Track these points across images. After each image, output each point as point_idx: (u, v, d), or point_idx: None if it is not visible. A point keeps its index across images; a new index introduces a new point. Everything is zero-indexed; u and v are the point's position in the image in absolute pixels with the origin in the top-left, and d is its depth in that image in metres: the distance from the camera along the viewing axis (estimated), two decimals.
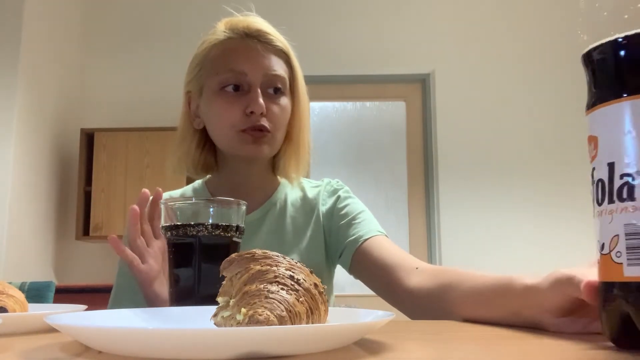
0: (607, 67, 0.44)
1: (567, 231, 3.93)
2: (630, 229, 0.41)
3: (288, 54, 1.09)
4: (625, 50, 0.43)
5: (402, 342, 0.51)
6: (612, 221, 0.43)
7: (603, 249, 0.43)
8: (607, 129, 0.43)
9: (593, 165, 0.44)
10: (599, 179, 0.44)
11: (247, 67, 1.03)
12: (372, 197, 3.98)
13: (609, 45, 0.44)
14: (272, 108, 1.04)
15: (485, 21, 4.14)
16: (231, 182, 1.11)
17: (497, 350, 0.48)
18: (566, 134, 4.03)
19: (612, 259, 0.42)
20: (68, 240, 3.92)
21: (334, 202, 1.13)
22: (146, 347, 0.39)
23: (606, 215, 0.43)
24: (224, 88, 1.03)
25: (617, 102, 0.43)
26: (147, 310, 0.60)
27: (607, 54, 0.44)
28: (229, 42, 1.05)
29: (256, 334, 0.38)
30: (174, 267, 0.73)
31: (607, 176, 0.43)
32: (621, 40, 0.43)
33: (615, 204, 0.42)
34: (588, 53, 0.46)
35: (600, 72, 0.45)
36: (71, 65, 4.07)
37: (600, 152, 0.44)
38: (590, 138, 0.45)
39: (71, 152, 3.97)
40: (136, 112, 4.03)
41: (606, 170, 0.43)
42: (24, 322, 0.60)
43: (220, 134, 1.06)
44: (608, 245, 0.43)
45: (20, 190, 3.46)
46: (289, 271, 0.48)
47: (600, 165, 0.44)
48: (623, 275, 0.41)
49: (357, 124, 4.18)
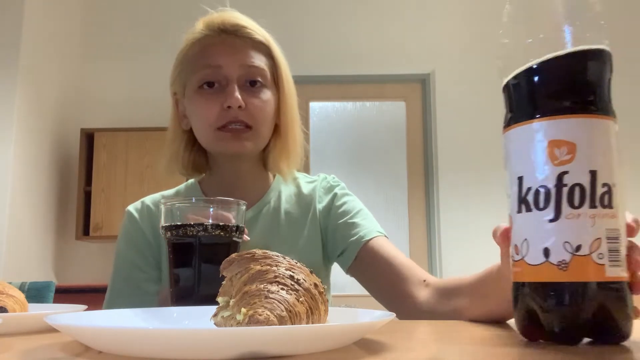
0: (521, 93, 0.49)
1: None
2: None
3: (269, 46, 1.06)
4: (535, 78, 0.48)
5: (402, 342, 0.51)
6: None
7: (579, 250, 0.45)
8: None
9: (565, 168, 0.46)
10: (576, 184, 0.46)
11: (222, 60, 1.01)
12: (372, 197, 3.98)
13: (521, 75, 0.48)
14: (251, 102, 1.01)
15: (485, 21, 4.14)
16: (222, 181, 1.10)
17: (498, 349, 0.48)
18: None
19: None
20: (68, 240, 3.92)
21: (330, 200, 1.12)
22: (146, 347, 0.39)
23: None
24: (202, 86, 1.02)
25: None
26: (147, 310, 0.60)
27: (521, 81, 0.49)
28: (206, 39, 1.04)
29: (256, 334, 0.38)
30: (174, 267, 0.73)
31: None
32: (530, 69, 0.48)
33: (597, 209, 0.45)
34: (506, 83, 0.50)
35: (516, 97, 0.49)
36: (71, 65, 4.07)
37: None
38: (556, 142, 0.46)
39: (71, 152, 3.97)
40: (136, 112, 4.03)
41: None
42: (24, 322, 0.60)
43: (201, 133, 1.04)
44: (589, 246, 0.45)
45: (20, 191, 3.46)
46: (289, 271, 0.48)
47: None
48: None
49: (357, 124, 4.17)
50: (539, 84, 0.48)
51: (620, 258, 0.45)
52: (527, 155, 0.47)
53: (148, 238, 1.07)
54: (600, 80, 0.47)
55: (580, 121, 0.46)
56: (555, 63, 0.47)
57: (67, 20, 4.06)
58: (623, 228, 0.46)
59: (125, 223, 1.10)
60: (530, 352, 0.45)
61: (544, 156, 0.46)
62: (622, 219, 0.46)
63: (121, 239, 1.10)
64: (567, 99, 0.46)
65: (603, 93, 0.47)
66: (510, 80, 0.50)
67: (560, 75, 0.47)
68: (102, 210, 3.77)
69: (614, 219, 0.45)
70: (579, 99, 0.46)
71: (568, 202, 0.45)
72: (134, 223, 1.09)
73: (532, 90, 0.48)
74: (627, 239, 0.47)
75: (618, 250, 0.45)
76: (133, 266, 1.06)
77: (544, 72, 0.47)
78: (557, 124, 0.46)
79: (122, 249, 1.09)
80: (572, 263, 0.44)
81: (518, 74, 0.49)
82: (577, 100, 0.46)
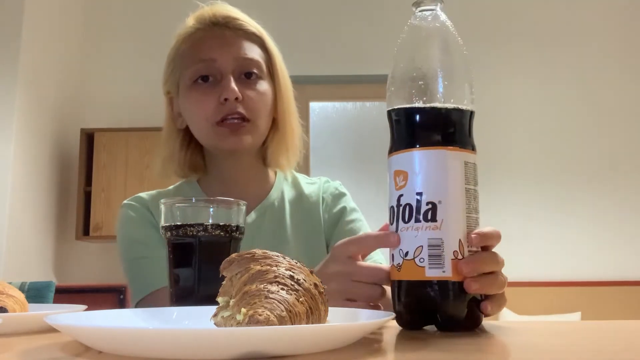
0: (401, 126, 0.61)
1: (566, 231, 3.94)
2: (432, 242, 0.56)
3: (262, 38, 1.03)
4: (413, 116, 0.59)
5: (402, 342, 0.51)
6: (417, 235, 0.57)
7: (407, 256, 0.57)
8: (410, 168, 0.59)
9: (401, 192, 0.59)
10: (407, 203, 0.58)
11: (216, 53, 0.98)
12: (372, 197, 3.97)
13: (401, 111, 0.60)
14: (248, 94, 0.98)
15: (485, 21, 4.14)
16: (222, 180, 1.06)
17: (498, 350, 0.48)
18: (567, 133, 4.03)
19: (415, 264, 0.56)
20: (68, 240, 3.91)
21: (339, 213, 1.09)
22: (146, 347, 0.39)
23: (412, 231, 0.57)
24: (196, 81, 0.99)
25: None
26: (147, 310, 0.60)
27: (401, 117, 0.61)
28: (197, 33, 1.01)
29: (256, 334, 0.38)
30: (174, 267, 0.73)
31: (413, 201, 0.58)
32: (409, 109, 0.59)
33: (421, 223, 0.57)
34: (389, 113, 0.62)
35: (397, 128, 0.61)
36: (71, 65, 4.07)
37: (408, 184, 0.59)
38: (397, 172, 0.59)
39: (71, 152, 3.97)
40: (136, 112, 4.03)
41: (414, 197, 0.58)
42: (24, 322, 0.60)
43: (198, 130, 1.01)
44: (413, 252, 0.56)
45: (20, 190, 3.46)
46: (289, 271, 0.48)
47: (408, 192, 0.58)
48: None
49: (357, 124, 4.17)
50: (396, 126, 0.61)
51: (441, 262, 0.55)
52: (388, 181, 0.61)
53: (152, 220, 1.02)
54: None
55: (409, 154, 0.58)
56: (418, 111, 0.59)
57: (67, 19, 4.06)
58: (451, 236, 0.56)
59: (125, 212, 1.05)
60: (538, 341, 0.45)
61: (392, 183, 0.60)
62: (450, 230, 0.56)
63: (124, 226, 1.05)
64: (409, 137, 0.59)
65: (463, 131, 0.59)
66: (387, 114, 0.62)
67: (402, 119, 0.60)
68: (102, 210, 3.77)
69: (436, 230, 0.56)
70: (417, 138, 0.59)
71: (402, 218, 0.58)
72: (135, 209, 1.04)
73: (393, 127, 0.62)
74: (474, 248, 0.57)
75: (439, 255, 0.55)
76: (146, 246, 0.99)
77: (407, 115, 0.60)
78: (398, 157, 0.59)
79: (129, 234, 1.03)
80: (404, 265, 0.57)
81: (390, 113, 0.62)
82: (423, 136, 0.59)
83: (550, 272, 3.87)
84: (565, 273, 3.86)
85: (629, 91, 4.05)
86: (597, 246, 3.89)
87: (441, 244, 0.56)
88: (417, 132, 0.59)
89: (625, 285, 3.80)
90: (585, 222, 3.92)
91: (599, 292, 3.77)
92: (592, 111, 4.05)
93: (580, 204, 3.94)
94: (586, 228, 3.91)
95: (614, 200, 3.94)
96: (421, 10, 0.62)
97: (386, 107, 0.63)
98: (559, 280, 3.84)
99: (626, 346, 0.49)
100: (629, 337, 0.56)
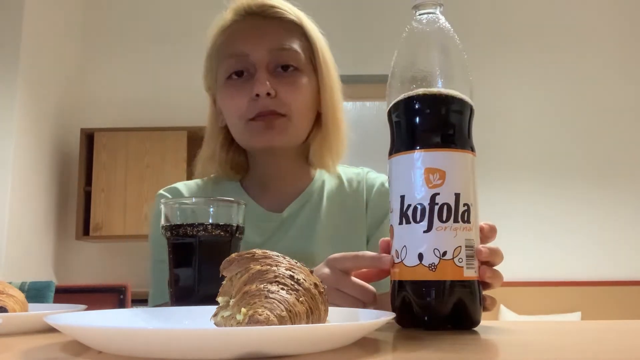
0: (401, 127, 0.61)
1: (566, 231, 3.93)
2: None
3: (302, 25, 0.96)
4: (414, 109, 0.59)
5: (402, 342, 0.51)
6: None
7: (445, 256, 0.56)
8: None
9: (437, 190, 0.57)
10: (445, 203, 0.57)
11: (248, 47, 0.92)
12: None
13: (402, 105, 0.60)
14: (283, 88, 0.91)
15: (485, 21, 4.14)
16: (261, 179, 1.01)
17: (498, 350, 0.48)
18: (566, 133, 4.03)
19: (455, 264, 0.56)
20: (68, 240, 3.92)
21: (384, 215, 1.00)
22: (146, 347, 0.39)
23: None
24: (230, 76, 0.94)
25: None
26: (147, 310, 0.60)
27: (401, 117, 0.60)
28: (232, 25, 0.96)
29: (256, 334, 0.38)
30: (174, 267, 0.73)
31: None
32: (407, 100, 0.59)
33: (459, 223, 0.56)
34: (389, 113, 0.62)
35: (397, 130, 0.61)
36: (71, 65, 4.07)
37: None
38: (431, 170, 0.58)
39: (71, 151, 3.97)
40: (136, 112, 4.03)
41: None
42: (24, 322, 0.60)
43: (232, 128, 0.96)
44: (452, 252, 0.56)
45: (20, 190, 3.46)
46: (289, 271, 0.48)
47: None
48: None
49: (357, 124, 4.17)
50: (417, 121, 0.59)
51: (473, 262, 0.57)
52: (408, 178, 0.58)
53: None
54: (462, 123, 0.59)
55: (448, 154, 0.57)
56: (431, 100, 0.58)
57: (67, 20, 4.06)
58: (477, 238, 0.58)
59: (156, 205, 0.99)
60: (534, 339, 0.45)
61: (421, 180, 0.57)
62: (476, 231, 0.58)
63: (152, 223, 1.01)
64: (438, 135, 0.58)
65: (463, 132, 0.59)
66: (392, 112, 0.62)
67: (434, 114, 0.59)
68: (102, 210, 3.77)
69: (470, 231, 0.57)
70: (447, 137, 0.58)
71: (438, 217, 0.56)
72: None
73: (412, 126, 0.60)
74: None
75: (473, 256, 0.57)
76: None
77: (422, 109, 0.59)
78: (430, 154, 0.57)
79: (157, 232, 1.00)
80: (440, 265, 0.56)
81: (400, 108, 0.60)
82: (445, 136, 0.58)
83: (550, 272, 3.87)
84: (565, 273, 3.87)
85: (628, 91, 4.05)
86: (597, 246, 3.89)
87: (473, 245, 0.57)
88: (458, 131, 0.59)
89: (625, 285, 3.80)
90: (586, 222, 3.92)
91: (599, 292, 3.77)
92: (592, 111, 4.05)
93: (580, 204, 3.94)
94: (586, 228, 3.92)
95: (614, 200, 3.94)
96: (421, 13, 0.63)
97: (386, 107, 0.63)
98: (559, 280, 3.84)
99: (626, 346, 0.49)
100: (629, 337, 0.56)
